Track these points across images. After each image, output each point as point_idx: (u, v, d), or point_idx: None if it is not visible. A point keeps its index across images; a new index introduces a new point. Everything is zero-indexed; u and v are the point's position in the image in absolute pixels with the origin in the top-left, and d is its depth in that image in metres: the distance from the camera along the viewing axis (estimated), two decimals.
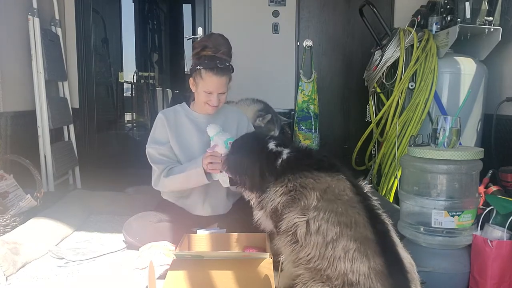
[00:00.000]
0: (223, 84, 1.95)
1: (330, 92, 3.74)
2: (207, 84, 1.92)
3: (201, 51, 1.96)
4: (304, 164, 1.43)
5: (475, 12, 2.56)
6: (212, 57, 1.92)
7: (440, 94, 2.68)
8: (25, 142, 2.89)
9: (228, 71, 1.95)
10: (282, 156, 1.48)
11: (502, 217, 1.64)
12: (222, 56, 1.94)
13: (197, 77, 1.95)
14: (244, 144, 1.64)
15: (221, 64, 1.91)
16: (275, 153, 1.51)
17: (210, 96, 1.95)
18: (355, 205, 1.30)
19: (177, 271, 1.40)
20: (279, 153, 1.50)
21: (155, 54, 6.79)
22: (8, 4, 2.78)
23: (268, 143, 1.55)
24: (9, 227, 2.04)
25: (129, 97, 5.98)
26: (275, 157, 1.49)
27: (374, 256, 1.19)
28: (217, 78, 1.91)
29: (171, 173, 1.95)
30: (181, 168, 1.95)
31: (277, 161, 1.48)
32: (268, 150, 1.52)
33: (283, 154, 1.49)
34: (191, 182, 1.94)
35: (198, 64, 1.93)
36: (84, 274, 1.74)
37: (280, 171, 1.45)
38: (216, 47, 1.95)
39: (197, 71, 1.94)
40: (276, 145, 1.53)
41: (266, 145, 1.54)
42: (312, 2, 3.65)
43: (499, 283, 1.55)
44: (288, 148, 1.52)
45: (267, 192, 1.44)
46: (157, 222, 2.01)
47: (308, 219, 1.29)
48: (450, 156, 1.62)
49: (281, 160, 1.48)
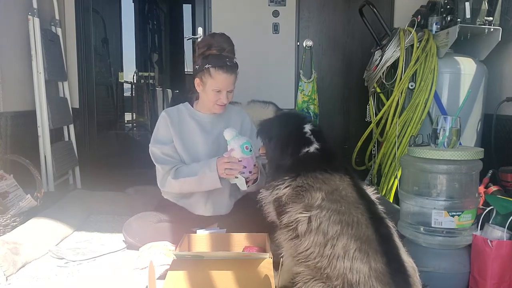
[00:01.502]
0: (232, 82, 1.97)
1: (330, 92, 3.74)
2: (217, 82, 1.93)
3: (206, 50, 1.96)
4: (322, 167, 1.40)
5: (475, 12, 2.56)
6: (219, 55, 1.94)
7: (440, 94, 2.68)
8: (25, 142, 2.89)
9: (236, 69, 1.97)
10: (309, 148, 1.46)
11: (502, 217, 1.64)
12: (228, 54, 1.96)
13: (205, 76, 1.94)
14: (285, 115, 1.64)
15: (229, 62, 1.94)
16: (306, 138, 1.48)
17: (220, 94, 1.96)
18: (359, 206, 1.30)
19: (177, 271, 1.40)
20: (309, 142, 1.47)
21: (155, 54, 6.78)
22: (8, 4, 2.78)
23: (305, 124, 1.52)
24: (9, 227, 2.04)
25: (129, 97, 5.98)
26: (304, 143, 1.47)
27: (375, 257, 1.18)
28: (227, 76, 1.92)
29: (180, 175, 1.94)
30: (191, 170, 1.93)
31: (304, 148, 1.45)
32: (302, 131, 1.50)
33: (311, 146, 1.46)
34: (203, 186, 1.94)
35: (206, 63, 1.93)
36: (84, 274, 1.74)
37: (299, 160, 1.43)
38: (221, 46, 1.96)
39: (205, 70, 1.93)
40: (311, 132, 1.50)
41: (303, 125, 1.52)
42: (312, 2, 3.65)
43: (499, 283, 1.55)
44: (319, 143, 1.48)
45: (276, 180, 1.42)
46: (157, 222, 2.01)
47: (310, 215, 1.29)
48: (450, 156, 1.62)
49: (307, 150, 1.45)
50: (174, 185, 1.96)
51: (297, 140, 1.48)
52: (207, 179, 1.88)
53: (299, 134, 1.49)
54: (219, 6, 3.56)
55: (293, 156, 1.45)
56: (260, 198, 1.52)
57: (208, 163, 1.89)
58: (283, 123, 1.57)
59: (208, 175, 1.87)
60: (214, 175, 1.85)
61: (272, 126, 1.59)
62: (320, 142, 1.49)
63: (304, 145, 1.46)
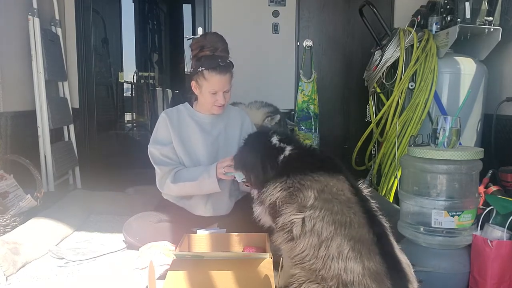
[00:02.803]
0: (227, 82, 1.94)
1: (330, 92, 3.74)
2: (211, 84, 1.92)
3: (199, 52, 1.94)
4: (305, 163, 1.42)
5: (475, 12, 2.56)
6: (211, 56, 1.91)
7: (440, 94, 2.68)
8: (25, 142, 2.89)
9: (230, 68, 1.95)
10: (284, 153, 1.48)
11: (502, 217, 1.64)
12: (221, 54, 1.94)
13: (200, 79, 1.93)
14: (249, 139, 1.65)
15: (222, 62, 1.91)
16: (277, 148, 1.50)
17: (216, 96, 1.94)
18: (351, 206, 1.30)
19: (177, 271, 1.40)
20: (281, 149, 1.49)
21: (155, 54, 6.79)
22: (8, 4, 2.78)
23: (271, 138, 1.54)
24: (9, 227, 2.04)
25: (129, 97, 5.98)
26: (277, 153, 1.48)
27: (369, 256, 1.19)
28: (221, 76, 1.91)
29: (179, 179, 1.94)
30: (191, 174, 1.93)
31: (279, 157, 1.47)
32: (271, 145, 1.52)
33: (285, 151, 1.48)
34: (203, 190, 1.95)
35: (199, 66, 1.91)
36: (84, 274, 1.74)
37: (281, 168, 1.45)
38: (214, 46, 1.94)
39: (199, 73, 1.92)
40: (279, 141, 1.52)
41: (269, 140, 1.54)
42: (312, 2, 3.65)
43: (499, 283, 1.55)
44: (291, 145, 1.51)
45: (267, 187, 1.43)
46: (157, 222, 2.01)
47: (304, 216, 1.29)
48: (450, 156, 1.62)
49: (283, 156, 1.47)
50: (173, 188, 1.96)
51: (270, 155, 1.49)
52: (206, 185, 1.89)
53: (270, 149, 1.51)
54: (219, 6, 3.56)
55: (274, 167, 1.47)
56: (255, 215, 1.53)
57: (207, 170, 1.89)
58: (250, 148, 1.59)
59: (207, 181, 1.88)
60: (213, 180, 1.86)
61: (243, 156, 1.61)
62: (292, 144, 1.51)
63: (278, 154, 1.48)
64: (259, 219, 1.53)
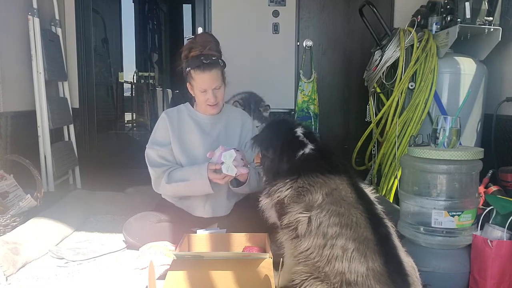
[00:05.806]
0: (214, 78, 1.94)
1: (330, 92, 3.74)
2: (198, 83, 1.94)
3: (188, 53, 1.98)
4: (320, 166, 1.41)
5: (475, 12, 2.56)
6: (197, 55, 1.94)
7: (440, 94, 2.68)
8: (25, 142, 2.89)
9: (215, 65, 1.94)
10: (304, 150, 1.47)
11: (502, 217, 1.64)
12: (208, 52, 1.95)
13: (190, 79, 1.98)
14: (275, 122, 1.64)
15: (206, 60, 1.91)
16: (300, 142, 1.49)
17: (206, 94, 1.96)
18: (358, 207, 1.31)
19: (177, 271, 1.40)
20: (303, 144, 1.48)
21: (155, 54, 6.79)
22: (8, 4, 2.78)
23: (296, 128, 1.53)
24: (9, 227, 2.04)
25: (129, 97, 5.98)
26: (298, 146, 1.47)
27: (373, 257, 1.19)
28: (206, 74, 1.92)
29: (173, 179, 1.95)
30: (183, 175, 1.94)
31: (299, 151, 1.46)
32: (294, 136, 1.51)
33: (306, 148, 1.47)
34: (196, 191, 1.96)
35: (187, 67, 1.96)
36: (84, 274, 1.74)
37: (297, 164, 1.44)
38: (203, 45, 1.96)
39: (188, 74, 1.97)
40: (304, 134, 1.51)
41: (294, 130, 1.53)
42: (312, 2, 3.65)
43: (499, 283, 1.55)
44: (313, 144, 1.49)
45: (277, 181, 1.43)
46: (157, 222, 2.01)
47: (310, 216, 1.30)
48: (450, 156, 1.62)
49: (303, 153, 1.46)
50: (168, 188, 1.98)
51: (291, 145, 1.49)
52: (198, 186, 1.90)
53: (293, 138, 1.51)
54: (219, 6, 3.56)
55: (290, 161, 1.46)
56: (261, 205, 1.52)
57: (199, 170, 1.89)
58: (275, 131, 1.58)
59: (199, 182, 1.88)
60: (205, 181, 1.87)
61: (265, 136, 1.60)
62: (314, 143, 1.50)
63: (299, 148, 1.47)
64: (264, 210, 1.52)
